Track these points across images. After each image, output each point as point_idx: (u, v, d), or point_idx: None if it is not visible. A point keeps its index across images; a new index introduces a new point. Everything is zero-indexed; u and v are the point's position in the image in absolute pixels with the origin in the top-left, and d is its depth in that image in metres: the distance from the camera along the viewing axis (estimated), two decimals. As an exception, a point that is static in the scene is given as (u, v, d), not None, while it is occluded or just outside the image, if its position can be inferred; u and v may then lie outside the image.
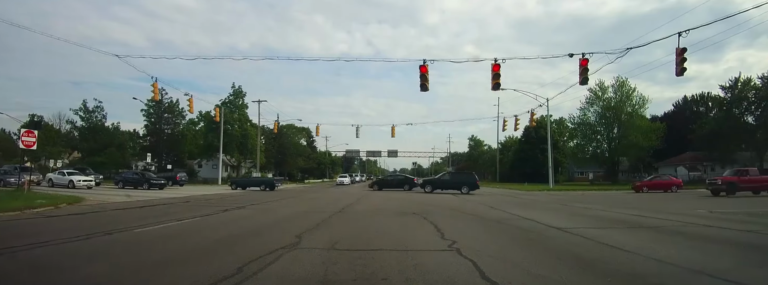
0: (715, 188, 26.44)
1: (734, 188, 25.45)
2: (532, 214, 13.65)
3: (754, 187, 25.62)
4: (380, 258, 6.30)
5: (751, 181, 25.85)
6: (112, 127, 61.54)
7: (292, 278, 5.12)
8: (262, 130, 59.65)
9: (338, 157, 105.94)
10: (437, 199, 23.16)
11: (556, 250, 7.12)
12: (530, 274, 5.32)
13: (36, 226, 10.42)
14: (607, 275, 5.30)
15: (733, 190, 25.41)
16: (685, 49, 16.09)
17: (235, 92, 57.79)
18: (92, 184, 31.53)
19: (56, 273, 5.37)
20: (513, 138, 78.90)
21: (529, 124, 48.11)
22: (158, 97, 34.16)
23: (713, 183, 27.00)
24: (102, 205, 16.46)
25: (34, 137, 18.89)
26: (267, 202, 19.99)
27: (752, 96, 49.24)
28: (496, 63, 19.32)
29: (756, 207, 17.43)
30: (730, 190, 25.37)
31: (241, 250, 6.79)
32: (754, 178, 26.06)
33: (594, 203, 19.89)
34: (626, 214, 13.75)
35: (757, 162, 50.52)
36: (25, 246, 7.03)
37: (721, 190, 25.89)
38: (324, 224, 10.79)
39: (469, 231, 9.71)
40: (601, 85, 53.82)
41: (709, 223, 11.18)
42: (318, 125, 53.37)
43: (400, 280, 4.97)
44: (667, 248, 7.30)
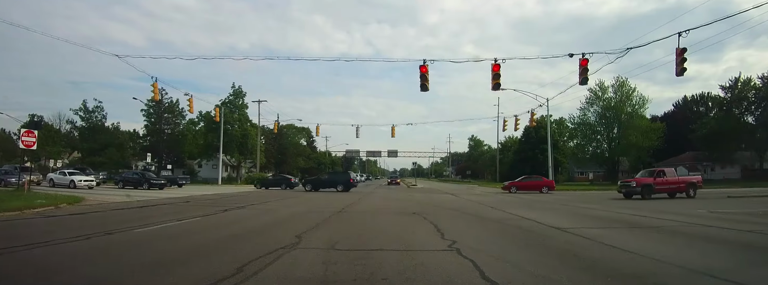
0: (628, 191, 23.82)
1: (650, 191, 23.02)
2: (532, 214, 13.65)
3: (671, 189, 23.40)
4: (380, 258, 6.30)
5: (668, 183, 23.49)
6: (112, 127, 61.60)
7: (292, 278, 5.12)
8: (262, 130, 59.62)
9: (338, 157, 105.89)
10: (437, 200, 23.17)
11: (556, 250, 7.12)
12: (530, 274, 5.32)
13: (36, 226, 10.42)
14: (607, 275, 5.30)
15: (649, 192, 22.99)
16: (685, 49, 16.08)
17: (235, 92, 57.78)
18: (94, 184, 31.52)
19: (56, 273, 5.37)
20: (513, 138, 78.87)
21: (529, 124, 48.02)
22: (158, 97, 34.11)
23: (627, 185, 24.36)
24: (102, 205, 16.45)
25: (34, 137, 18.88)
26: (267, 202, 19.99)
27: (752, 96, 49.29)
28: (496, 63, 19.31)
29: (756, 207, 17.42)
30: (645, 193, 22.90)
31: (241, 250, 6.79)
32: (671, 180, 23.67)
33: (594, 203, 19.88)
34: (626, 214, 13.75)
35: (757, 162, 50.62)
36: (25, 246, 7.03)
37: (635, 192, 23.32)
38: (324, 224, 10.79)
39: (469, 231, 9.71)
40: (601, 85, 53.88)
41: (709, 223, 11.18)
42: (318, 125, 53.38)
43: (400, 280, 4.97)
44: (667, 248, 7.30)
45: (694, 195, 23.41)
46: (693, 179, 24.86)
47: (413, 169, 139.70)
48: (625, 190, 23.97)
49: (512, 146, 76.55)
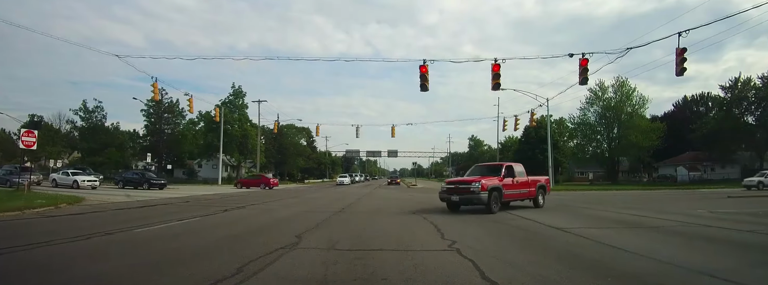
0: (462, 198, 14.69)
1: (500, 198, 14.46)
2: (532, 214, 13.65)
3: (521, 196, 15.72)
4: (380, 258, 6.30)
5: (519, 185, 15.46)
6: (112, 127, 61.58)
7: (292, 278, 5.12)
8: (262, 130, 59.62)
9: (338, 157, 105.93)
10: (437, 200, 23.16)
11: (556, 250, 7.12)
12: (530, 274, 5.32)
13: (36, 226, 10.42)
14: (607, 275, 5.30)
15: (498, 201, 14.46)
16: (685, 49, 16.06)
17: (235, 92, 57.79)
18: (97, 184, 31.52)
19: (56, 273, 5.37)
20: (513, 138, 78.89)
21: (529, 124, 48.03)
22: (158, 97, 34.12)
23: (460, 188, 15.11)
24: (102, 205, 16.46)
25: (34, 137, 18.87)
26: (267, 202, 19.99)
27: (752, 96, 49.26)
28: (496, 63, 19.29)
29: (756, 207, 17.41)
30: (493, 204, 14.21)
31: (241, 250, 6.80)
32: (523, 182, 15.72)
33: (594, 203, 19.88)
34: (626, 214, 13.75)
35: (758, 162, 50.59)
36: (26, 246, 7.03)
37: (471, 202, 14.59)
38: (324, 224, 10.80)
39: (469, 231, 9.71)
40: (601, 85, 53.91)
41: (709, 223, 11.18)
42: (318, 125, 53.33)
43: (399, 280, 4.97)
44: (667, 248, 7.30)
45: (542, 204, 16.26)
46: (541, 180, 17.15)
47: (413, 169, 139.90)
48: (445, 199, 14.78)
49: (512, 146, 76.55)
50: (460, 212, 14.40)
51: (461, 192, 14.10)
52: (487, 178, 14.32)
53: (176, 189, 33.96)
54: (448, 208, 14.88)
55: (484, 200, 13.58)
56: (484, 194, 13.54)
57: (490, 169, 16.05)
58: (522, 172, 16.02)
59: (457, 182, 14.98)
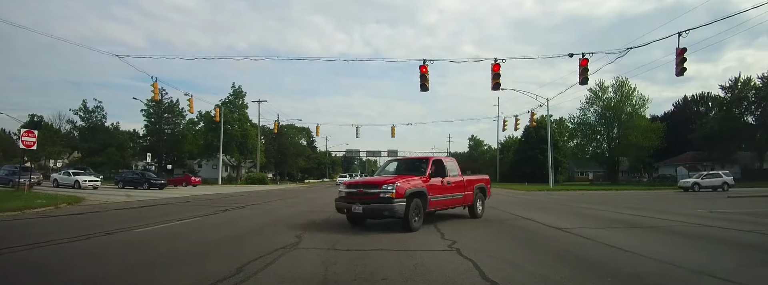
0: (361, 211, 10.10)
1: (424, 208, 10.56)
2: (532, 214, 13.65)
3: (454, 202, 11.58)
4: (380, 258, 6.30)
5: (451, 189, 11.28)
6: (112, 127, 61.64)
7: (292, 278, 5.12)
8: (262, 130, 59.67)
9: (338, 157, 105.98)
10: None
11: (556, 250, 7.12)
12: (530, 274, 5.32)
13: (36, 226, 10.41)
14: (608, 275, 5.30)
15: (420, 212, 10.47)
16: (685, 49, 16.07)
17: (235, 92, 57.84)
18: (98, 184, 31.51)
19: (56, 273, 5.36)
20: (513, 138, 78.93)
21: (529, 124, 48.10)
22: (158, 97, 34.13)
23: (358, 198, 10.28)
24: (102, 205, 16.45)
25: (34, 137, 18.87)
26: (267, 202, 19.98)
27: (752, 96, 49.30)
28: (496, 63, 19.31)
29: (756, 207, 17.41)
30: (412, 217, 10.09)
31: (241, 250, 6.79)
32: (456, 183, 11.59)
33: (594, 203, 19.88)
34: (626, 214, 13.74)
35: (757, 162, 50.63)
36: (25, 246, 7.03)
37: (376, 215, 10.26)
38: (324, 224, 10.80)
39: (469, 231, 9.71)
40: (601, 85, 53.96)
41: (709, 223, 11.17)
42: (318, 125, 53.40)
43: (399, 280, 4.97)
44: (667, 248, 7.30)
45: (481, 213, 12.53)
46: (480, 179, 13.13)
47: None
48: (343, 208, 10.33)
49: (512, 146, 76.64)
50: (461, 213, 14.37)
51: (366, 199, 9.41)
52: (405, 178, 9.83)
53: (176, 189, 33.96)
54: (349, 222, 10.55)
55: (399, 211, 9.08)
56: (399, 203, 9.08)
57: (410, 166, 11.56)
58: (454, 169, 11.79)
59: (362, 184, 10.09)
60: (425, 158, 11.45)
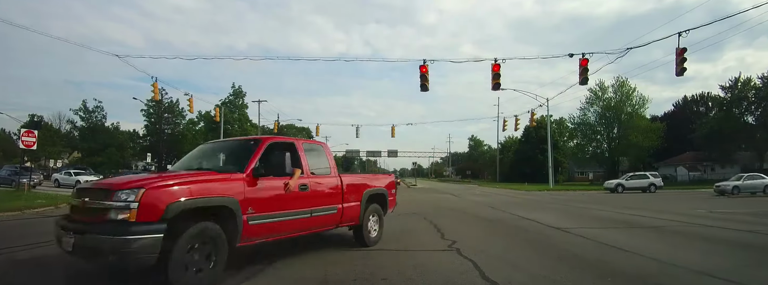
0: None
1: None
2: (532, 214, 13.64)
3: (315, 222, 6.30)
4: (380, 258, 6.30)
5: (315, 197, 6.22)
6: (112, 127, 61.63)
7: (292, 278, 5.12)
8: (262, 130, 59.66)
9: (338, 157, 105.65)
10: (437, 199, 23.18)
11: (556, 250, 7.12)
12: (530, 274, 5.32)
13: (35, 226, 10.42)
14: (608, 275, 5.30)
15: None
16: (685, 49, 16.07)
17: (235, 92, 57.86)
18: None
19: (56, 273, 5.37)
20: (513, 138, 79.01)
21: (529, 124, 48.10)
22: (158, 97, 34.11)
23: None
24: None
25: (34, 137, 18.84)
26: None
27: (752, 96, 49.30)
28: (496, 63, 19.31)
29: (756, 207, 17.41)
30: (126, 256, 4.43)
31: (241, 250, 6.77)
32: (330, 190, 6.68)
33: (594, 203, 19.87)
34: (626, 214, 13.74)
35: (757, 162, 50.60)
36: (25, 246, 7.03)
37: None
38: (324, 224, 10.76)
39: (469, 231, 9.71)
40: (601, 85, 53.98)
41: (709, 223, 11.17)
42: (318, 125, 53.36)
43: (399, 280, 4.97)
44: (667, 248, 7.30)
45: (376, 238, 7.62)
46: (378, 182, 8.17)
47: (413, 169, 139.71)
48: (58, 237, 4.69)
49: (512, 146, 76.68)
50: (460, 212, 14.35)
51: (86, 220, 4.49)
52: (194, 176, 5.04)
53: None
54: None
55: (139, 254, 4.15)
56: (146, 235, 4.12)
57: (226, 152, 6.64)
58: (323, 163, 6.90)
59: (92, 192, 4.66)
60: (253, 139, 6.32)
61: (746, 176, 29.08)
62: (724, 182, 29.14)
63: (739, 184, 27.63)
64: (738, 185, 27.58)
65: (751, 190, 27.52)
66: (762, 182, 28.21)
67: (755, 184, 28.06)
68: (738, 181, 28.27)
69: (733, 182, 28.12)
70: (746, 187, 27.64)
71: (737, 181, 28.11)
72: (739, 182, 27.92)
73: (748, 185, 27.86)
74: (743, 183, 27.84)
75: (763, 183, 28.12)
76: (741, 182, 27.91)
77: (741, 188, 27.43)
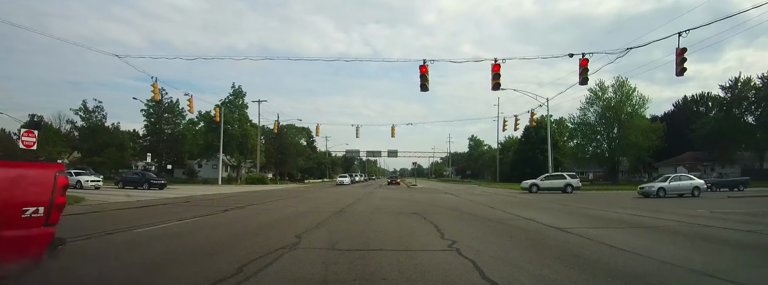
0: None
1: None
2: (532, 214, 13.65)
3: None
4: (380, 258, 6.30)
5: None
6: (112, 127, 61.62)
7: (292, 278, 5.12)
8: (262, 130, 59.67)
9: (338, 157, 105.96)
10: (437, 199, 23.17)
11: (556, 250, 7.11)
12: (530, 274, 5.32)
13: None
14: (608, 275, 5.30)
15: None
16: (685, 49, 16.09)
17: (235, 92, 57.81)
18: (100, 184, 31.52)
19: (56, 273, 5.35)
20: (513, 138, 79.01)
21: (529, 124, 48.13)
22: (158, 97, 34.20)
23: None
24: (102, 205, 16.45)
25: (34, 137, 18.86)
26: (267, 202, 19.99)
27: (752, 96, 49.34)
28: (496, 63, 19.32)
29: (756, 207, 17.42)
30: None
31: (241, 250, 6.79)
32: None
33: (594, 203, 19.88)
34: (626, 214, 13.74)
35: (757, 162, 50.64)
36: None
37: None
38: (324, 224, 10.79)
39: (469, 231, 9.71)
40: (601, 85, 53.96)
41: (709, 223, 11.18)
42: (318, 125, 53.53)
43: (400, 280, 4.97)
44: (667, 248, 7.30)
45: None
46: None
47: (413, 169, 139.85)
48: None
49: (512, 146, 76.68)
50: (460, 212, 14.39)
51: None
52: None
53: (176, 189, 33.97)
54: None
55: None
56: None
57: None
58: None
59: None
60: None
61: (673, 177, 27.95)
62: (649, 183, 28.34)
63: (665, 186, 26.33)
64: (664, 187, 26.26)
65: (678, 192, 26.32)
66: (690, 183, 26.93)
67: (682, 186, 26.72)
68: (664, 182, 26.93)
69: (660, 183, 26.86)
70: (673, 189, 26.38)
71: (664, 183, 26.82)
72: (665, 183, 26.64)
73: (675, 187, 26.53)
74: (670, 184, 26.54)
75: (692, 184, 26.82)
76: (667, 183, 26.62)
77: (667, 190, 26.15)
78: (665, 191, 25.92)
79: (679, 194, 26.17)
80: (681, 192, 26.31)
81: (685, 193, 26.22)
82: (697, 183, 26.94)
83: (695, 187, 26.52)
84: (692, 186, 26.56)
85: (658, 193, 25.77)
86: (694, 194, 26.04)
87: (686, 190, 26.36)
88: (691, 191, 26.23)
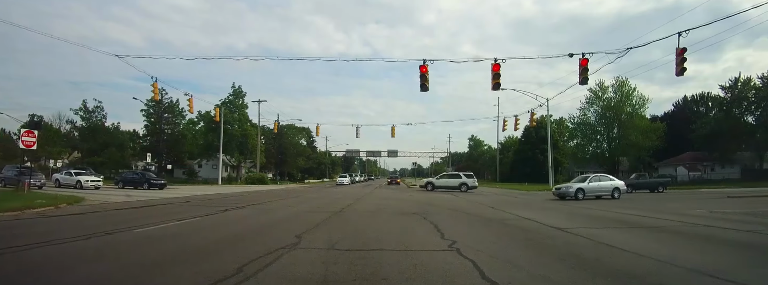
0: None
1: None
2: (532, 214, 13.65)
3: None
4: (380, 258, 6.30)
5: None
6: (112, 127, 61.61)
7: (292, 278, 5.11)
8: (262, 130, 59.62)
9: (338, 157, 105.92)
10: (437, 199, 23.17)
11: (556, 250, 7.12)
12: (530, 274, 5.32)
13: (36, 226, 10.41)
14: (607, 275, 5.30)
15: None
16: (685, 49, 16.07)
17: (235, 92, 57.79)
18: (100, 184, 31.46)
19: (56, 273, 5.36)
20: (513, 138, 78.96)
21: (529, 124, 48.10)
22: (158, 97, 34.19)
23: None
24: (102, 205, 16.45)
25: (34, 137, 18.86)
26: (267, 202, 19.98)
27: (752, 96, 49.29)
28: (496, 63, 19.31)
29: (756, 207, 17.41)
30: None
31: (242, 250, 6.79)
32: None
33: (594, 203, 19.88)
34: (626, 214, 13.75)
35: (757, 162, 50.60)
36: (25, 246, 7.03)
37: None
38: (324, 224, 10.79)
39: (469, 231, 9.71)
40: (601, 85, 53.93)
41: (709, 223, 11.18)
42: (318, 125, 53.44)
43: (400, 280, 4.97)
44: (667, 248, 7.30)
45: None
46: None
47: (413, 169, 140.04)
48: None
49: (512, 146, 76.65)
50: (460, 212, 14.39)
51: None
52: None
53: (176, 189, 33.96)
54: None
55: None
56: None
57: None
58: None
59: None
60: None
61: (593, 177, 25.19)
62: (566, 184, 25.75)
63: (584, 187, 23.69)
64: (583, 188, 23.60)
65: (596, 194, 24.00)
66: (610, 184, 24.58)
67: (603, 186, 24.29)
68: (584, 182, 24.27)
69: (578, 184, 24.16)
70: (593, 190, 23.89)
71: (583, 183, 24.13)
72: (584, 184, 23.96)
73: (595, 188, 24.05)
74: (589, 185, 23.94)
75: (612, 185, 24.51)
76: (587, 184, 23.97)
77: (587, 191, 23.55)
78: (584, 193, 23.42)
79: (597, 196, 23.95)
80: (599, 194, 24.15)
81: (604, 195, 24.11)
82: (618, 184, 24.95)
83: (615, 188, 24.42)
84: (612, 187, 24.39)
85: (576, 195, 23.04)
86: (613, 196, 23.89)
87: (606, 191, 24.19)
88: (610, 193, 24.06)
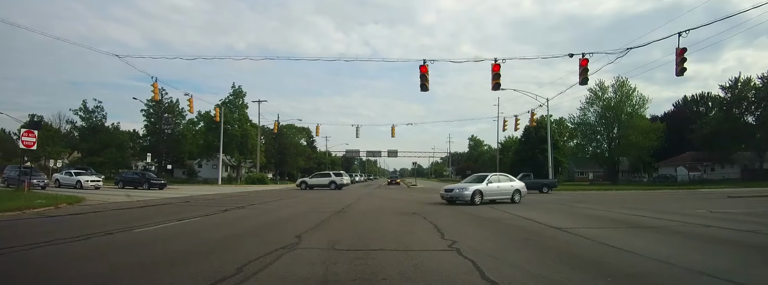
0: None
1: None
2: (532, 214, 13.65)
3: None
4: (380, 258, 6.30)
5: None
6: (112, 127, 61.55)
7: (292, 278, 5.12)
8: (262, 130, 59.60)
9: (338, 157, 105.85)
10: (437, 200, 23.16)
11: (556, 250, 7.12)
12: (530, 274, 5.32)
13: (36, 226, 10.42)
14: (607, 275, 5.30)
15: None
16: (685, 49, 16.06)
17: (235, 92, 57.77)
18: (100, 184, 31.47)
19: (56, 273, 5.36)
20: (513, 138, 78.84)
21: (529, 124, 48.08)
22: (158, 97, 34.15)
23: None
24: (102, 206, 16.45)
25: (34, 137, 18.85)
26: (267, 202, 19.98)
27: (752, 96, 49.32)
28: (496, 63, 19.29)
29: (756, 207, 17.41)
30: None
31: (241, 250, 6.79)
32: None
33: (594, 203, 19.86)
34: (626, 214, 13.74)
35: (757, 162, 50.60)
36: (25, 246, 7.03)
37: None
38: (324, 224, 10.79)
39: (469, 231, 9.71)
40: (601, 85, 53.96)
41: (709, 223, 11.18)
42: (318, 125, 53.41)
43: (400, 280, 4.97)
44: (667, 248, 7.30)
45: None
46: None
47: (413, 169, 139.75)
48: None
49: (512, 146, 76.52)
50: (460, 212, 14.39)
51: None
52: None
53: (176, 189, 33.96)
54: None
55: None
56: None
57: None
58: None
59: None
60: None
61: (492, 177, 19.91)
62: (458, 185, 20.13)
63: (482, 189, 18.56)
64: (481, 190, 18.49)
65: (496, 196, 19.09)
66: (511, 186, 20.01)
67: (503, 188, 19.53)
68: (481, 183, 19.01)
69: (475, 185, 18.78)
70: (493, 193, 19.01)
71: (480, 184, 18.85)
72: (482, 185, 18.77)
73: (495, 190, 19.19)
74: (488, 186, 18.94)
75: (512, 187, 19.93)
76: (485, 185, 18.84)
77: (485, 194, 18.50)
78: (483, 196, 18.35)
79: (492, 200, 18.80)
80: (499, 197, 19.23)
81: (503, 199, 19.29)
82: (518, 186, 20.30)
83: (516, 190, 19.85)
84: (513, 189, 19.80)
85: (473, 199, 17.97)
86: (514, 199, 19.40)
87: (506, 194, 19.49)
88: (511, 196, 19.49)
